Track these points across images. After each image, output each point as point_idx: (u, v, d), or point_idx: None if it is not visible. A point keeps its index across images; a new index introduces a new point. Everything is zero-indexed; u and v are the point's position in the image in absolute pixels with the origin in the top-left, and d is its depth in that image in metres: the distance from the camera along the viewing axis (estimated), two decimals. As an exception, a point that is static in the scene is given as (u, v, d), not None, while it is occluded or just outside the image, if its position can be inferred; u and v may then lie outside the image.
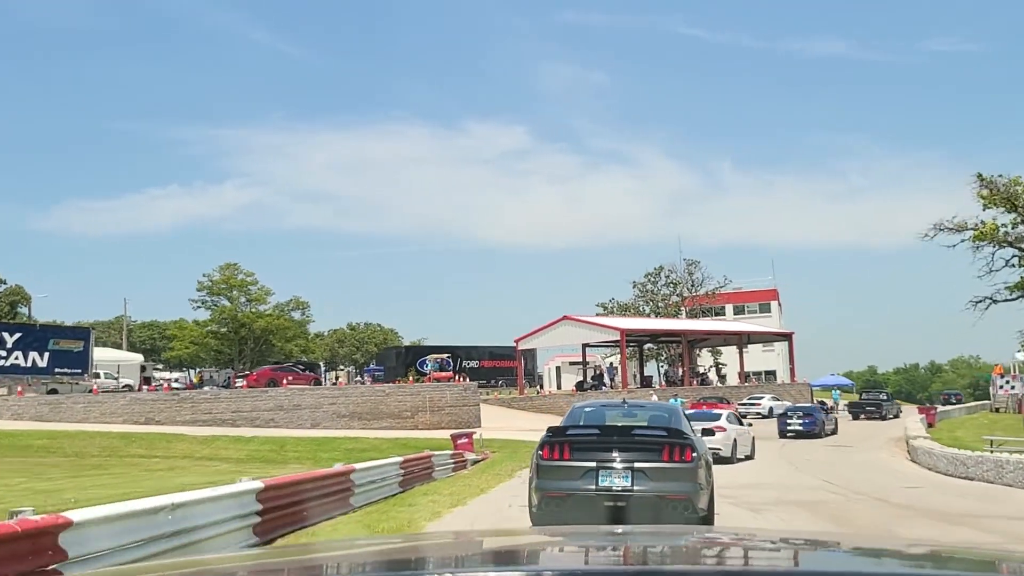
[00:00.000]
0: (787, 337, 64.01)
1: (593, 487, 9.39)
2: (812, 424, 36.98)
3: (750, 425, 28.86)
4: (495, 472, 24.38)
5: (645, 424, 10.67)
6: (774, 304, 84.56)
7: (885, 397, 55.34)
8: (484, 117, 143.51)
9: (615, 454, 9.50)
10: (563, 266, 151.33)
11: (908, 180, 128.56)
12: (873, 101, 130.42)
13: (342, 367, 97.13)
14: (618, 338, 54.41)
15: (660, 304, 75.46)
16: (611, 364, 58.71)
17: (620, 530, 3.52)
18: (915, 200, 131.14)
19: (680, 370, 63.20)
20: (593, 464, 9.47)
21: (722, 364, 76.03)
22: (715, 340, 67.40)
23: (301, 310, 69.21)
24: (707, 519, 9.70)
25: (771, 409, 51.08)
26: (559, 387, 66.17)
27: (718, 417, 26.84)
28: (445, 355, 55.30)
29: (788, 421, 37.44)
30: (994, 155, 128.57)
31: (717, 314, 77.14)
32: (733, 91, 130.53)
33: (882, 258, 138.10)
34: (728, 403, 50.03)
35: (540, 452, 9.87)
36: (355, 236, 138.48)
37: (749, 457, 26.59)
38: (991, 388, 57.97)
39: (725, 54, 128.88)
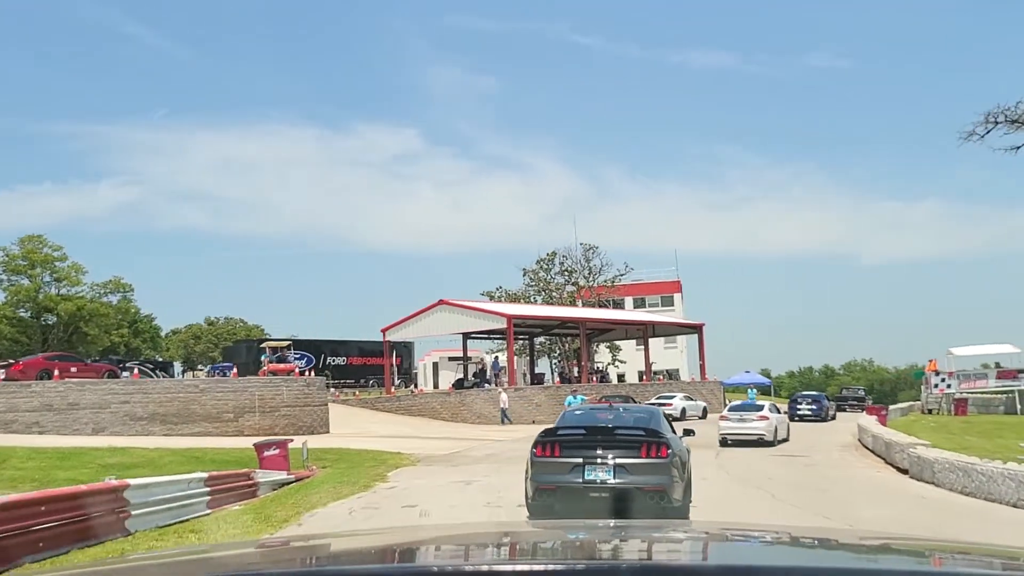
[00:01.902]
0: (696, 329, 56.28)
1: (580, 480, 10.62)
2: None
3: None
4: (296, 504, 14.88)
5: (627, 425, 11.68)
6: (677, 297, 77.24)
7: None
8: (372, 119, 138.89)
9: (599, 451, 10.75)
10: (452, 270, 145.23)
11: (787, 189, 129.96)
12: (754, 112, 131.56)
13: (200, 366, 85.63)
14: (504, 326, 45.27)
15: (554, 294, 66.80)
16: (496, 359, 49.57)
17: (612, 524, 3.40)
18: (795, 209, 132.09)
19: (576, 367, 54.55)
20: (580, 460, 10.71)
21: (621, 361, 67.89)
22: (616, 333, 59.11)
23: (123, 292, 57.38)
24: (682, 508, 10.89)
25: (683, 410, 42.99)
26: (436, 385, 56.59)
27: (761, 408, 30.21)
28: (286, 343, 44.94)
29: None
30: (866, 167, 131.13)
31: (616, 306, 68.94)
32: (622, 100, 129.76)
33: (768, 265, 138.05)
34: (634, 401, 41.62)
35: (534, 450, 11.26)
36: (237, 237, 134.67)
37: (785, 440, 30.22)
38: (924, 387, 51.40)
39: (614, 63, 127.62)
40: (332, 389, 59.30)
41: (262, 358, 41.21)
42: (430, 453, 27.00)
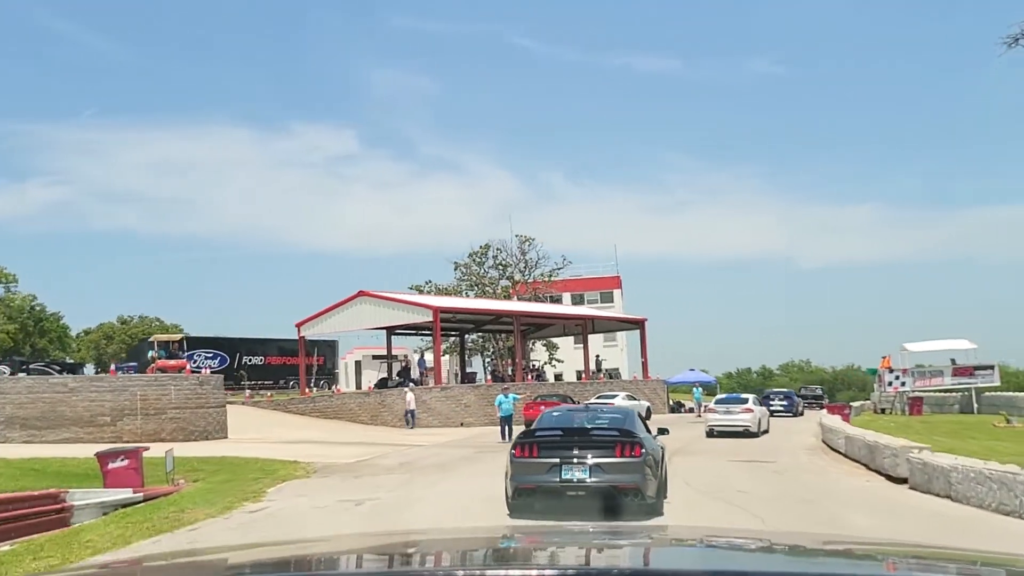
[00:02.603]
0: (638, 324, 52.75)
1: (557, 479, 10.91)
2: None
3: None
4: (91, 542, 10.55)
5: (602, 426, 12.06)
6: (617, 293, 73.83)
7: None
8: (310, 120, 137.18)
9: (575, 451, 11.07)
10: (391, 272, 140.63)
11: (726, 193, 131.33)
12: (693, 116, 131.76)
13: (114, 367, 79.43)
14: (430, 318, 41.05)
15: (487, 289, 62.75)
16: (422, 357, 45.32)
17: (591, 528, 3.53)
18: (734, 213, 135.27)
19: (511, 365, 50.59)
20: (557, 460, 11.00)
21: (559, 360, 64.13)
22: (553, 329, 55.31)
23: (4, 283, 51.45)
24: (656, 505, 11.29)
25: (627, 410, 38.98)
26: (359, 386, 52.07)
27: (746, 401, 31.00)
28: (178, 336, 40.03)
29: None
30: (804, 172, 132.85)
31: (554, 302, 65.15)
32: (562, 103, 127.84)
33: (707, 268, 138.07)
34: (572, 401, 37.78)
35: (513, 451, 11.52)
36: (170, 239, 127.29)
37: (767, 431, 31.06)
38: (877, 385, 48.63)
39: (556, 66, 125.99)
40: (247, 390, 54.67)
41: (149, 353, 36.26)
42: (332, 461, 22.74)
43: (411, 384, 42.20)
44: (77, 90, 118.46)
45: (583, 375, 48.96)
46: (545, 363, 63.37)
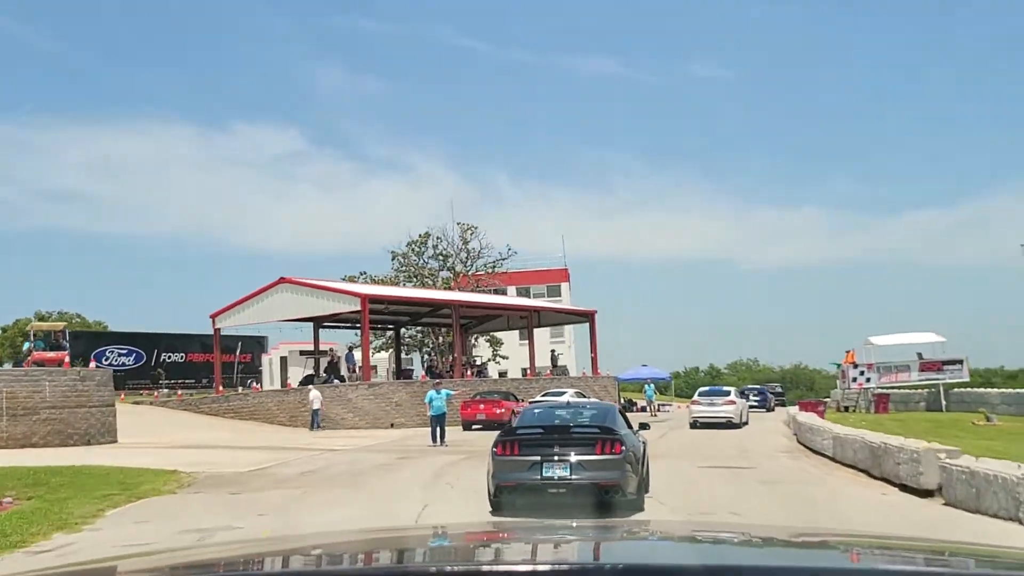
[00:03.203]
0: (588, 317, 49.12)
1: (538, 477, 10.89)
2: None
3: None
4: None
5: (583, 423, 12.08)
6: (565, 287, 70.22)
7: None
8: (253, 119, 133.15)
9: (556, 449, 11.06)
10: (335, 272, 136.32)
11: (671, 196, 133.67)
12: (639, 119, 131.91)
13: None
14: (358, 308, 36.87)
15: (427, 280, 58.62)
16: (351, 351, 41.07)
17: (574, 524, 3.46)
18: (679, 215, 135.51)
19: (450, 360, 46.60)
20: (538, 458, 10.99)
21: (503, 356, 60.28)
22: (497, 323, 51.40)
23: None
24: (637, 501, 11.32)
25: (576, 408, 35.39)
26: (284, 383, 47.50)
27: (728, 393, 32.82)
28: (60, 326, 35.24)
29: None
30: (746, 175, 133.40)
31: (497, 295, 61.23)
32: (508, 104, 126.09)
33: (653, 269, 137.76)
34: (515, 399, 34.07)
35: (495, 449, 11.48)
36: (110, 238, 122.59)
37: (746, 423, 32.04)
38: (840, 380, 45.59)
39: (500, 66, 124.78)
40: (164, 389, 49.86)
41: (26, 345, 31.42)
42: (220, 471, 18.58)
43: (335, 381, 37.97)
44: (12, 86, 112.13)
45: (528, 371, 45.19)
46: (489, 360, 59.58)
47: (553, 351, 53.68)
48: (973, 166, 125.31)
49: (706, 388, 35.93)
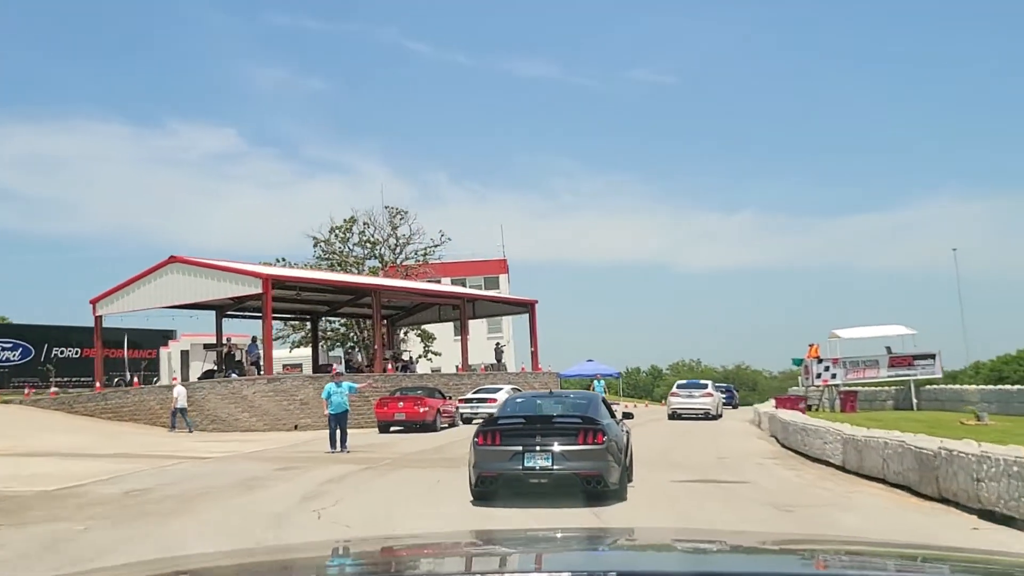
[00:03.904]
0: (528, 307, 44.36)
1: (520, 467, 10.72)
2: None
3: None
4: None
5: (565, 413, 11.83)
6: (504, 278, 65.43)
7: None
8: (189, 117, 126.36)
9: (538, 439, 10.83)
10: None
11: (610, 199, 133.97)
12: (577, 123, 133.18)
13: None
14: (260, 290, 31.50)
15: (352, 269, 53.17)
16: (254, 342, 35.61)
17: (559, 536, 3.41)
18: (618, 218, 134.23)
19: (371, 353, 41.35)
20: (519, 448, 10.79)
21: (436, 353, 54.96)
22: (427, 315, 46.31)
23: None
24: (619, 492, 11.06)
25: (512, 407, 30.73)
26: (185, 378, 41.57)
27: (706, 386, 33.99)
28: None
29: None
30: (685, 179, 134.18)
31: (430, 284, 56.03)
32: (449, 105, 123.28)
33: (594, 272, 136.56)
34: (442, 396, 29.17)
35: (476, 439, 11.25)
36: (41, 237, 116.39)
37: (720, 416, 32.94)
38: (803, 376, 41.46)
39: (440, 68, 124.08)
40: (53, 387, 43.85)
41: None
42: (25, 489, 13.49)
43: (233, 375, 32.52)
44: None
45: (459, 367, 40.20)
46: (420, 356, 54.43)
47: (498, 343, 48.67)
48: (908, 172, 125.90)
49: (684, 381, 37.39)
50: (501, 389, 32.11)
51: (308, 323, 45.67)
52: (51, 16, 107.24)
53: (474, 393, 31.99)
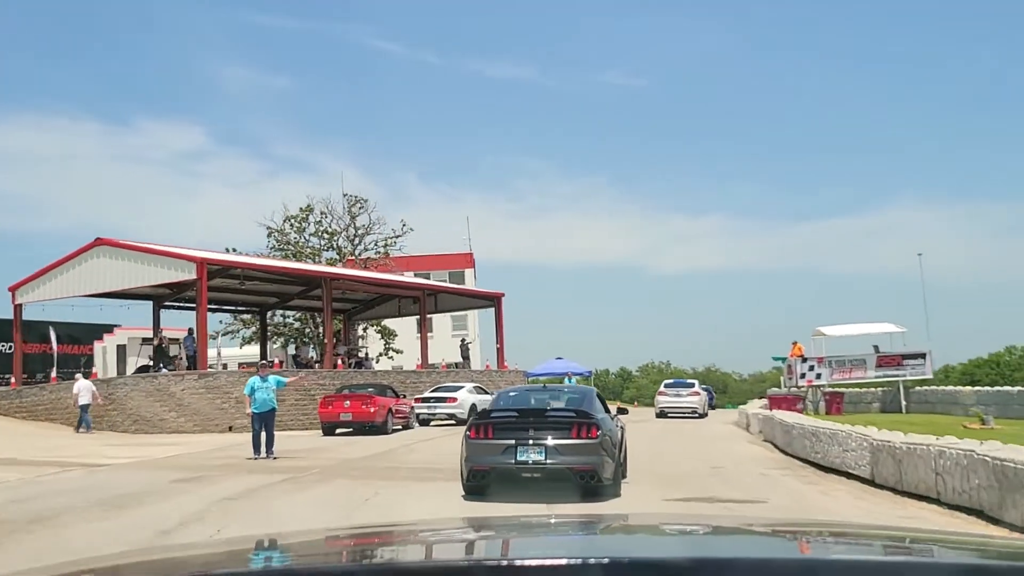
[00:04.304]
0: (494, 301, 41.43)
1: (512, 461, 10.44)
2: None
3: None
4: None
5: (559, 406, 11.70)
6: (469, 273, 62.46)
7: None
8: (157, 115, 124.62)
9: (531, 432, 10.56)
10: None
11: (581, 201, 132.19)
12: (548, 125, 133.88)
13: None
14: (194, 276, 28.27)
15: (308, 260, 49.90)
16: (190, 333, 32.32)
17: (553, 520, 3.38)
18: (589, 220, 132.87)
19: (334, 352, 38.15)
20: (512, 441, 10.49)
21: (396, 350, 51.72)
22: (385, 308, 43.21)
23: None
24: (613, 487, 10.80)
25: (474, 407, 28.36)
26: (121, 372, 38.05)
27: (693, 385, 34.64)
28: None
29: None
30: (655, 182, 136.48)
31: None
32: (418, 106, 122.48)
33: (564, 274, 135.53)
34: (396, 395, 26.28)
35: (468, 432, 11.02)
36: (6, 234, 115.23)
37: (706, 415, 32.62)
38: (786, 377, 38.89)
39: (411, 68, 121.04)
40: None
41: None
42: None
43: (163, 369, 29.27)
44: None
45: (419, 363, 37.14)
46: (381, 354, 51.31)
47: (463, 340, 45.59)
48: (876, 177, 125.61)
49: (671, 381, 37.80)
50: (462, 388, 29.19)
51: (256, 315, 42.34)
52: (19, 12, 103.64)
53: (432, 392, 29.03)
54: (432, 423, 28.24)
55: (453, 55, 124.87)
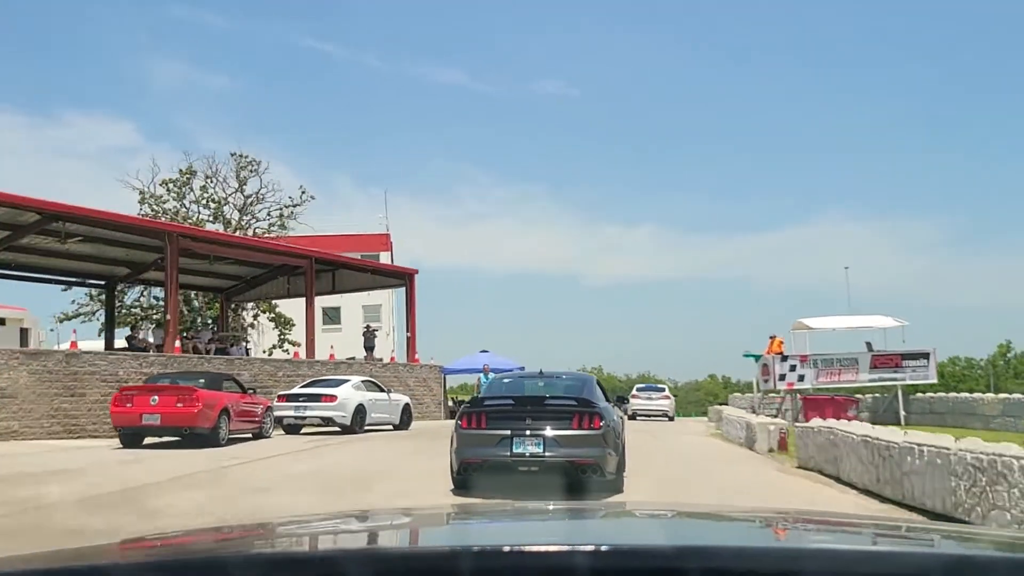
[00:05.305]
0: (405, 278, 33.49)
1: (508, 454, 9.71)
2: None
3: None
4: None
5: (558, 394, 10.97)
6: (385, 256, 54.43)
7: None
8: (86, 109, 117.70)
9: (528, 422, 9.80)
10: None
11: (516, 209, 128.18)
12: (484, 132, 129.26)
13: None
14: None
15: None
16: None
17: (551, 507, 3.27)
18: (524, 228, 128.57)
19: (209, 335, 29.67)
20: (508, 432, 9.76)
21: (294, 343, 43.08)
22: (272, 287, 34.94)
23: None
24: (616, 482, 10.20)
25: (360, 408, 20.51)
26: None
27: (664, 389, 35.78)
28: None
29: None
30: (587, 190, 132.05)
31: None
32: (355, 108, 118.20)
33: (497, 281, 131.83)
34: (241, 390, 18.12)
35: (459, 422, 10.19)
36: None
37: (673, 418, 33.46)
38: (761, 378, 31.62)
39: (349, 70, 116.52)
40: None
41: None
42: None
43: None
44: None
45: (295, 352, 29.07)
46: (275, 346, 42.99)
47: (368, 326, 37.42)
48: (804, 190, 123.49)
49: (643, 385, 40.22)
50: (346, 383, 21.18)
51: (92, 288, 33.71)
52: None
53: (303, 388, 21.07)
54: (303, 430, 20.47)
55: (392, 59, 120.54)
